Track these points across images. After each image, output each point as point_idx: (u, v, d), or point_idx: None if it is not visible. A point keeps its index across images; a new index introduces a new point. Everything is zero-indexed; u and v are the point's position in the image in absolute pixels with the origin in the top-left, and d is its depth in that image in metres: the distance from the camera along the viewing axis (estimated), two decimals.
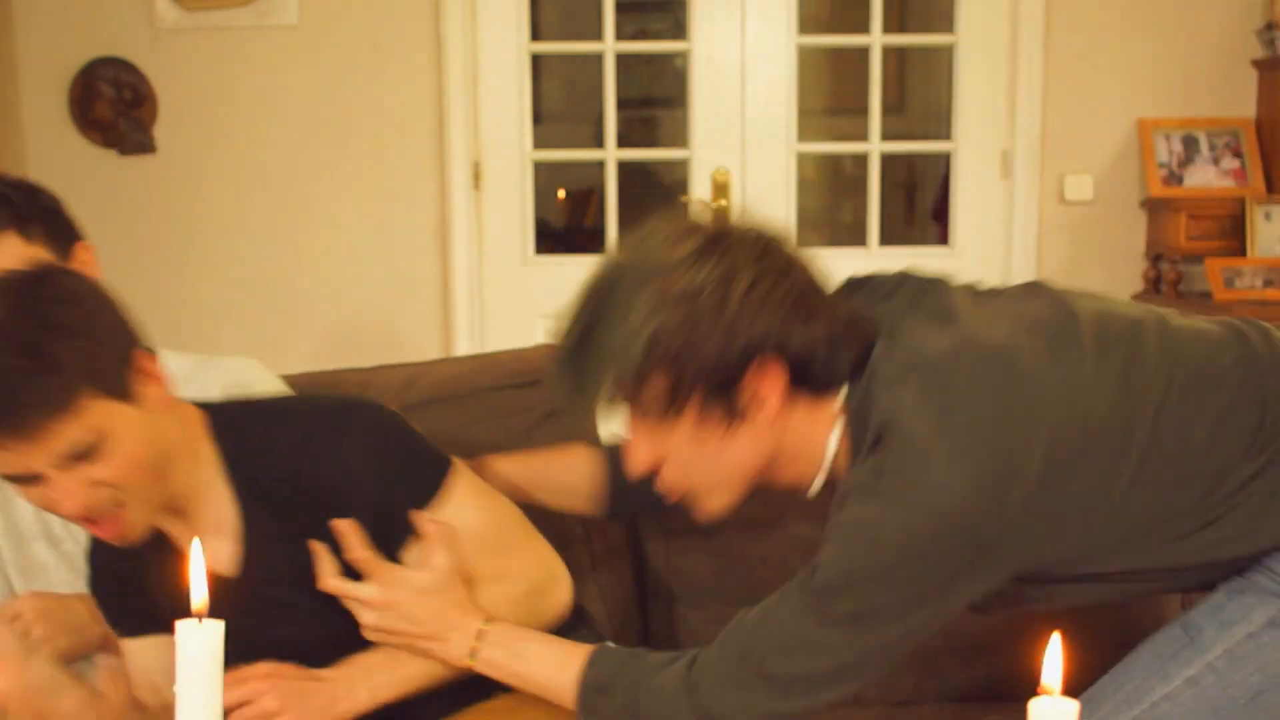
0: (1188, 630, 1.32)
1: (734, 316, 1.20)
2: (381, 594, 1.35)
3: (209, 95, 3.70)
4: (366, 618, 1.36)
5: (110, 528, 1.34)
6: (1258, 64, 3.66)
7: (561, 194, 5.21)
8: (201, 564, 0.91)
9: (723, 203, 3.73)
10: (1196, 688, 1.29)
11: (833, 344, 1.25)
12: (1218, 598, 1.33)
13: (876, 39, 3.73)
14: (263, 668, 1.36)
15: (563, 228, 5.15)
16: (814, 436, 1.27)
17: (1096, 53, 3.70)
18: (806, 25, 3.78)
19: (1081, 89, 3.71)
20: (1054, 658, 0.84)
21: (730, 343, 1.20)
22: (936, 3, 4.06)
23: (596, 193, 4.73)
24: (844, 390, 1.27)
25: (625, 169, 3.84)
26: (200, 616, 0.87)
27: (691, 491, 1.30)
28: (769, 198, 3.76)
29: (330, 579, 1.36)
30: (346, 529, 1.36)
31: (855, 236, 3.87)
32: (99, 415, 1.27)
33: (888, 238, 3.83)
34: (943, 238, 3.88)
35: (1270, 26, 3.58)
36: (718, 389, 1.21)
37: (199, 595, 0.89)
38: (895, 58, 5.21)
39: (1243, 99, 3.70)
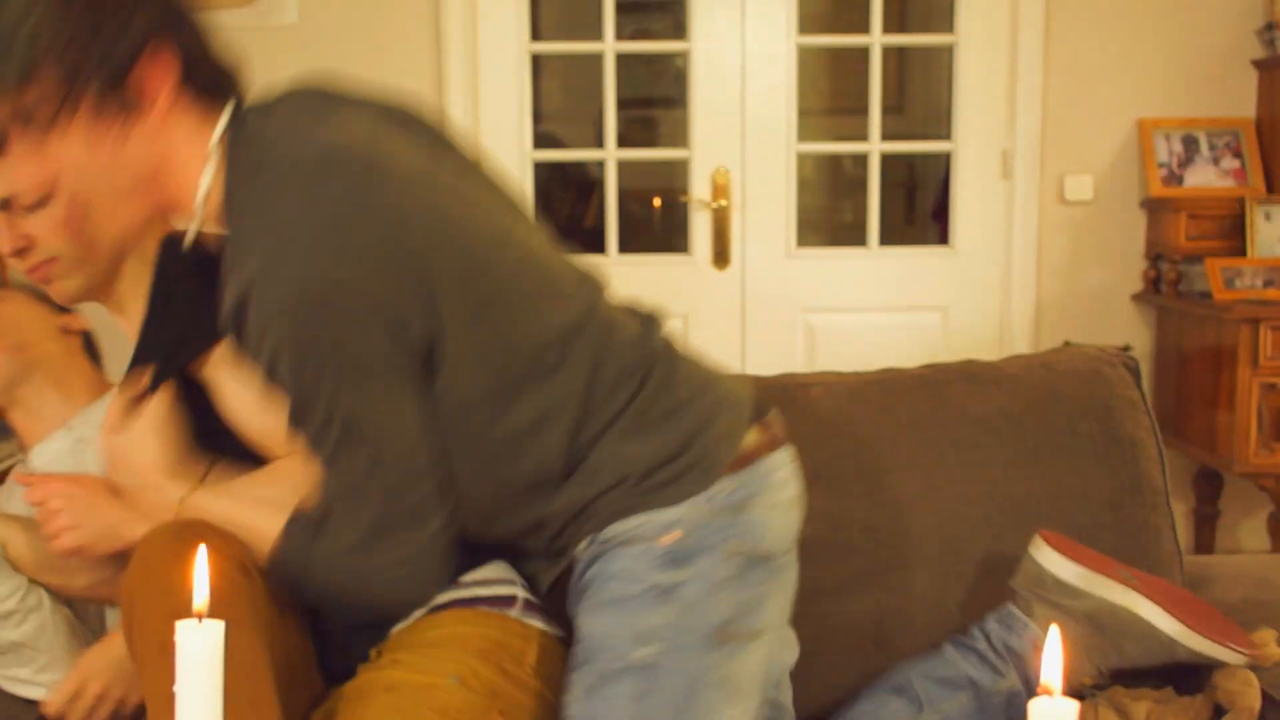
0: None
1: None
2: (45, 505, 1.41)
3: None
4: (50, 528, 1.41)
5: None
6: (1258, 64, 3.66)
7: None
8: (204, 564, 0.91)
9: (722, 202, 3.74)
10: None
11: (217, 52, 1.29)
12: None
13: (876, 39, 3.73)
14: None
15: (562, 226, 5.14)
16: (193, 157, 1.27)
17: (1096, 53, 3.70)
18: (806, 25, 3.78)
19: (1081, 89, 3.71)
20: (1053, 656, 0.84)
21: (123, 24, 1.18)
22: (936, 3, 4.06)
23: (597, 193, 4.72)
24: (224, 119, 1.28)
25: (625, 169, 3.84)
26: (200, 616, 0.87)
27: (85, 226, 1.30)
28: (769, 198, 3.76)
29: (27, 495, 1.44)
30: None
31: (855, 236, 3.87)
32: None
33: (888, 238, 3.83)
34: (943, 238, 3.89)
35: (1270, 26, 3.59)
36: (111, 79, 1.19)
37: (199, 595, 0.89)
38: (895, 58, 5.21)
39: (1243, 99, 3.70)
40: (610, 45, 3.72)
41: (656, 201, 4.97)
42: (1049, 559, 1.58)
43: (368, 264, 1.18)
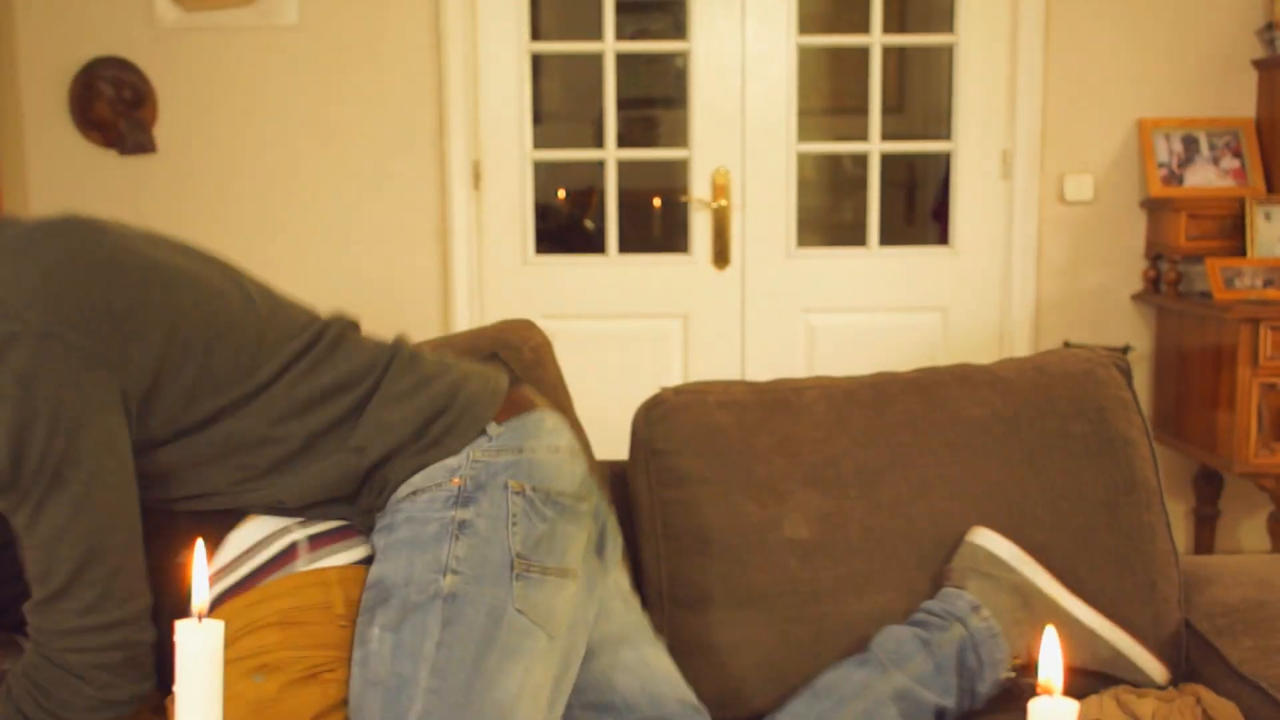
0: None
1: None
2: None
3: (209, 95, 3.70)
4: None
5: None
6: (1258, 64, 3.66)
7: (561, 194, 5.21)
8: (204, 565, 0.91)
9: (722, 202, 3.74)
10: None
11: None
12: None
13: (876, 39, 3.73)
14: None
15: (562, 227, 5.15)
16: None
17: (1096, 53, 3.70)
18: (806, 25, 3.79)
19: (1081, 89, 3.71)
20: (1052, 655, 0.84)
21: None
22: (936, 3, 4.06)
23: (596, 193, 4.73)
24: None
25: (625, 169, 3.84)
26: (200, 616, 0.87)
27: None
28: (769, 198, 3.76)
29: None
30: None
31: (855, 236, 3.87)
32: None
33: (888, 238, 3.83)
34: (943, 238, 3.89)
35: (1270, 26, 3.59)
36: None
37: (199, 595, 0.90)
38: (895, 58, 5.22)
39: (1243, 99, 3.70)
40: (610, 45, 3.72)
41: (656, 201, 4.97)
42: (983, 537, 1.68)
43: (85, 307, 1.27)
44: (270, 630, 1.34)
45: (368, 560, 1.42)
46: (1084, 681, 1.65)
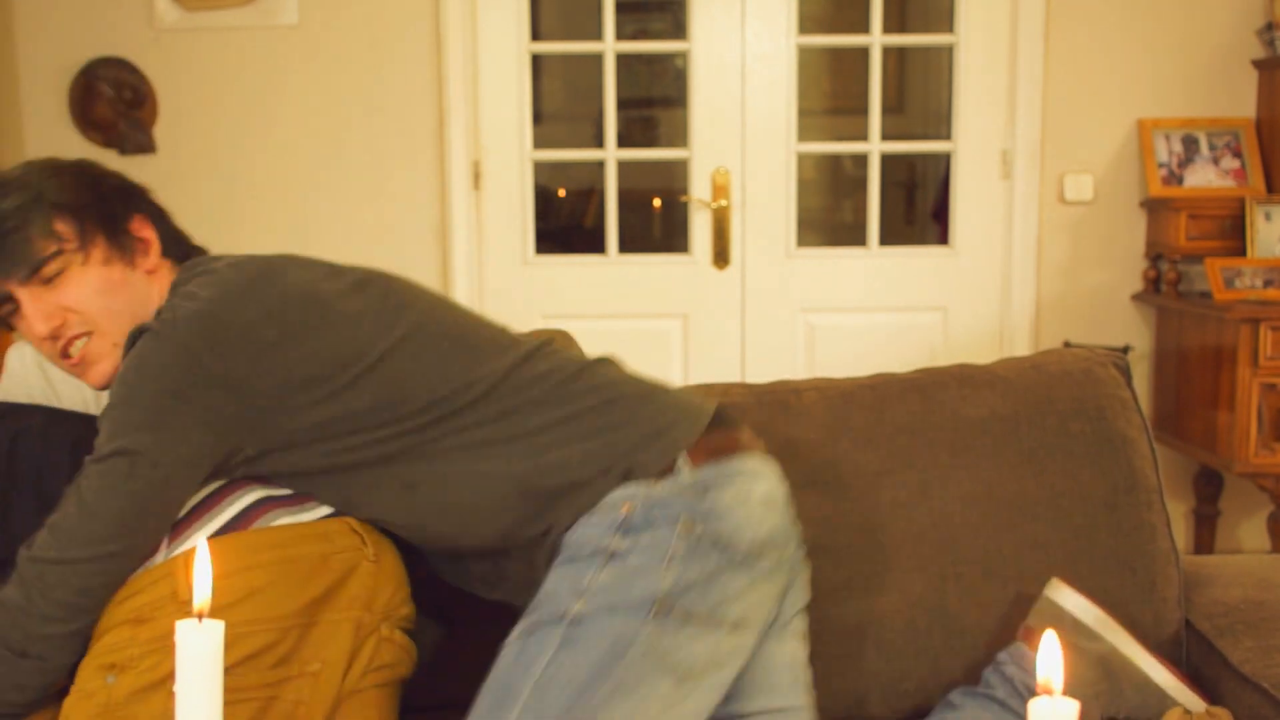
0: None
1: (108, 180, 1.55)
2: None
3: (209, 95, 3.70)
4: None
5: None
6: (1258, 64, 3.66)
7: (561, 194, 5.21)
8: (206, 564, 0.91)
9: (722, 202, 3.74)
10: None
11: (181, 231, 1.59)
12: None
13: (876, 39, 3.73)
14: None
15: (562, 226, 5.15)
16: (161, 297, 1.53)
17: (1096, 53, 3.70)
18: (806, 25, 3.79)
19: (1081, 89, 3.71)
20: (1052, 657, 0.84)
21: (117, 196, 1.53)
22: (936, 3, 4.06)
23: (596, 192, 4.73)
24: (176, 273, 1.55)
25: (625, 169, 3.84)
26: (200, 616, 0.87)
27: (91, 345, 1.49)
28: (769, 198, 3.76)
29: None
30: None
31: (855, 236, 3.87)
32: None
33: (888, 238, 3.83)
34: (943, 238, 3.89)
35: (1270, 26, 3.59)
36: (114, 232, 1.50)
37: (200, 595, 0.89)
38: (895, 58, 5.22)
39: (1243, 99, 3.70)
40: (610, 45, 3.72)
41: (656, 202, 4.97)
42: (1069, 599, 1.61)
43: (235, 333, 1.39)
44: (123, 628, 1.37)
45: (232, 524, 1.44)
46: None
